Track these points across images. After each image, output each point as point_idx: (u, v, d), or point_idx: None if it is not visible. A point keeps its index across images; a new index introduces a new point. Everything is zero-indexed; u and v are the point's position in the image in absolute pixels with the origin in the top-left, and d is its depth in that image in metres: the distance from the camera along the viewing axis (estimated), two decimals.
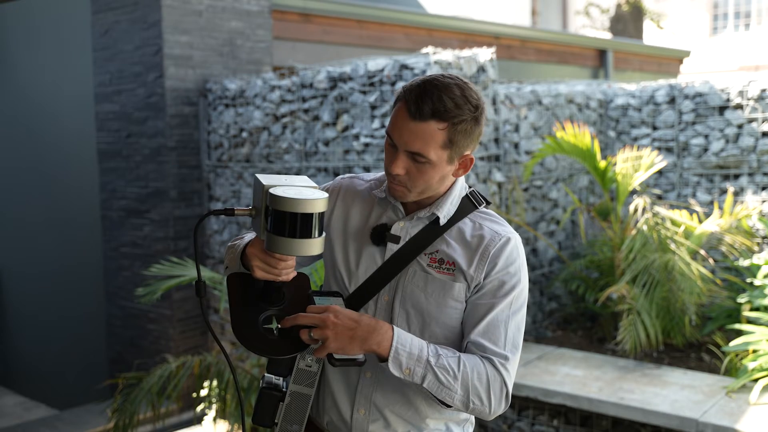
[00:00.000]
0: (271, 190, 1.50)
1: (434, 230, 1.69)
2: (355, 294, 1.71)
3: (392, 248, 1.70)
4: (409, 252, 1.69)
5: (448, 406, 1.62)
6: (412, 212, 1.71)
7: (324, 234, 1.53)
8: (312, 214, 1.48)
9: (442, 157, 1.61)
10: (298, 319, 1.56)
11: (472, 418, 1.82)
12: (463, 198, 1.73)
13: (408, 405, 1.71)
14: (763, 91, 5.22)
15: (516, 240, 1.69)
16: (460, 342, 1.68)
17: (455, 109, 1.57)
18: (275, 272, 1.57)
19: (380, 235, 1.71)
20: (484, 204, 1.75)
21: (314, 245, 1.51)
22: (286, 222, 1.48)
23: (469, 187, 1.78)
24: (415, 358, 1.56)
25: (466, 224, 1.71)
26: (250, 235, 1.72)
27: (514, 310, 1.66)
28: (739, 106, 5.32)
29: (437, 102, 1.56)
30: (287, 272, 1.58)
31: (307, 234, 1.49)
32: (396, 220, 1.72)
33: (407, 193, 1.66)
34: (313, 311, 1.57)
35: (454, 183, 1.71)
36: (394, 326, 1.60)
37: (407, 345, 1.57)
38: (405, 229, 1.71)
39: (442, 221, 1.69)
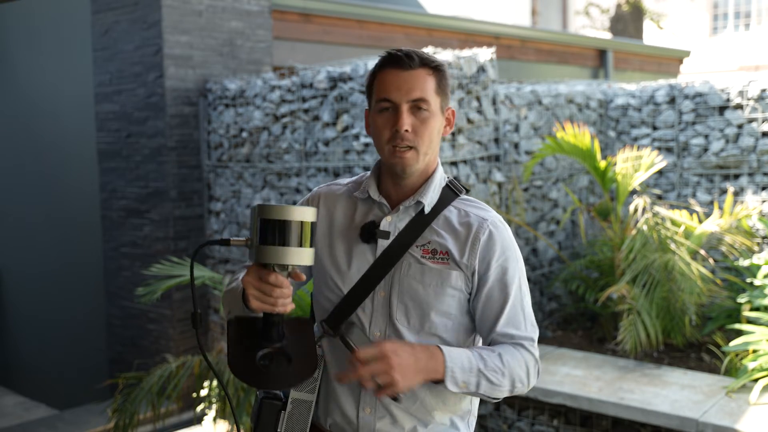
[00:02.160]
0: (259, 203, 1.53)
1: (421, 221, 1.71)
2: (350, 294, 1.71)
3: (383, 244, 1.71)
4: (399, 246, 1.70)
5: (495, 399, 1.70)
6: (397, 205, 1.73)
7: (314, 248, 1.53)
8: (300, 222, 1.49)
9: (437, 105, 1.68)
10: (361, 372, 1.52)
11: (475, 410, 1.84)
12: (443, 187, 1.76)
13: (413, 399, 1.71)
14: (763, 91, 5.22)
15: (503, 222, 1.75)
16: (457, 329, 1.72)
17: (435, 58, 1.70)
18: (270, 301, 1.52)
19: (370, 232, 1.71)
20: (465, 192, 1.78)
21: (304, 254, 1.50)
22: (275, 230, 1.48)
23: (446, 177, 1.82)
24: (467, 371, 1.61)
25: (452, 212, 1.73)
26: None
27: (524, 292, 1.73)
28: (739, 106, 5.32)
29: (420, 54, 1.68)
30: (283, 302, 1.53)
31: (297, 242, 1.49)
32: (382, 216, 1.73)
33: (415, 155, 1.67)
34: (368, 355, 1.53)
35: (435, 170, 1.74)
36: (440, 345, 1.62)
37: (458, 361, 1.61)
38: (393, 224, 1.72)
39: (427, 209, 1.71)
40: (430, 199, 1.71)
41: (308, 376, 1.60)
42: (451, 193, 1.75)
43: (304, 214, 1.50)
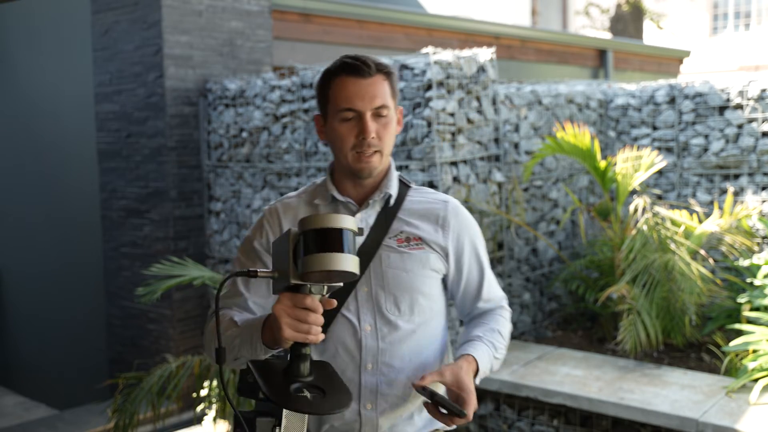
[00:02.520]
0: (303, 216, 1.52)
1: (389, 213, 1.78)
2: (331, 297, 1.71)
3: (358, 241, 1.72)
4: (374, 240, 1.76)
5: None
6: (363, 201, 1.79)
7: (357, 257, 1.51)
8: (342, 230, 1.48)
9: (393, 108, 1.77)
10: (468, 408, 1.63)
11: None
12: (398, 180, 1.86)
13: (414, 373, 1.76)
14: (763, 91, 5.22)
15: (458, 202, 1.90)
16: (439, 309, 1.84)
17: (386, 63, 1.77)
18: (305, 328, 1.48)
19: None
20: (413, 183, 1.90)
21: (353, 260, 1.48)
22: (323, 237, 1.46)
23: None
24: (487, 365, 1.78)
25: (412, 201, 1.83)
26: (247, 316, 1.69)
27: (488, 259, 1.93)
28: (739, 106, 5.32)
29: (373, 59, 1.74)
30: (316, 330, 1.51)
31: (348, 248, 1.47)
32: (352, 213, 1.78)
33: (380, 158, 1.75)
34: (461, 389, 1.65)
35: (389, 165, 1.82)
36: (473, 354, 1.76)
37: (485, 363, 1.78)
38: (364, 220, 1.77)
39: (392, 201, 1.79)
40: (394, 190, 1.80)
41: (347, 405, 1.57)
42: (403, 185, 1.85)
43: (349, 222, 1.50)
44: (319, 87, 1.78)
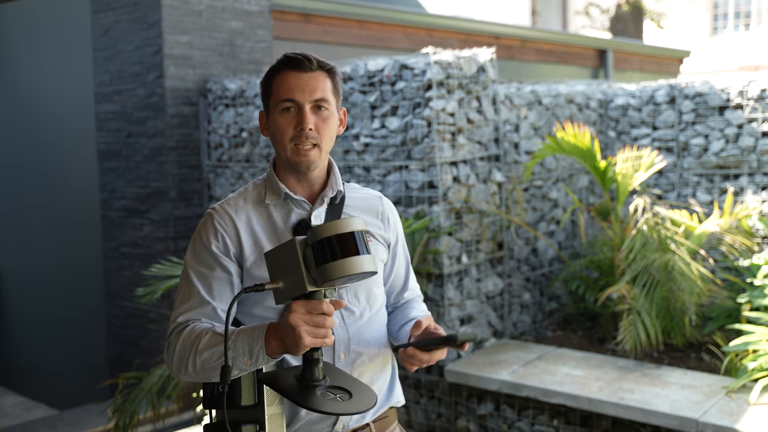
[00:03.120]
0: (314, 225, 1.56)
1: (336, 209, 1.83)
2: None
3: None
4: None
5: None
6: (314, 199, 1.82)
7: (371, 255, 1.54)
8: (355, 232, 1.51)
9: (335, 105, 1.79)
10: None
11: None
12: None
13: (376, 356, 1.84)
14: (763, 91, 5.22)
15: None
16: (383, 295, 1.91)
17: (328, 62, 1.81)
18: (323, 333, 1.51)
19: (305, 230, 1.76)
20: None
21: (368, 261, 1.51)
22: (338, 244, 1.49)
23: None
24: None
25: (352, 197, 1.88)
26: (242, 328, 1.66)
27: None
28: (739, 106, 5.32)
29: (316, 57, 1.78)
30: (331, 333, 1.54)
31: (364, 250, 1.51)
32: (304, 213, 1.80)
33: (318, 152, 1.77)
34: (437, 328, 1.80)
35: (331, 163, 1.86)
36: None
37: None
38: (319, 217, 1.80)
39: (338, 198, 1.84)
40: (340, 187, 1.84)
41: (375, 401, 1.61)
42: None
43: (358, 223, 1.54)
44: (263, 83, 1.81)
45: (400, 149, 4.63)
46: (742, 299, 4.50)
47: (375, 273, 1.53)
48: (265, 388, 1.65)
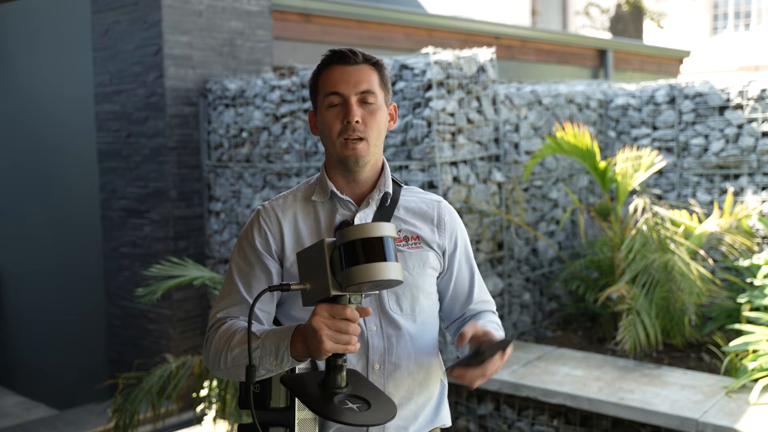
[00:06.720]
0: (345, 227, 1.50)
1: (386, 212, 1.77)
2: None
3: None
4: None
5: None
6: (361, 200, 1.77)
7: (399, 264, 1.48)
8: (383, 238, 1.45)
9: (383, 98, 1.74)
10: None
11: None
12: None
13: (417, 371, 1.76)
14: (763, 91, 5.22)
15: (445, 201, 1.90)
16: (436, 307, 1.83)
17: (374, 56, 1.76)
18: (345, 339, 1.46)
19: None
20: (403, 183, 1.88)
21: (394, 268, 1.45)
22: (367, 248, 1.44)
23: None
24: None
25: (407, 200, 1.82)
26: (260, 327, 1.64)
27: (475, 263, 1.91)
28: (739, 106, 5.32)
29: (361, 51, 1.74)
30: (355, 340, 1.48)
31: (392, 256, 1.45)
32: (352, 213, 1.75)
33: (367, 146, 1.71)
34: (486, 335, 1.68)
35: (384, 163, 1.80)
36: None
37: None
38: (364, 218, 1.75)
39: (388, 200, 1.77)
40: (390, 189, 1.78)
41: (393, 415, 1.55)
42: (396, 184, 1.83)
43: (388, 229, 1.47)
44: (311, 82, 1.78)
45: (400, 149, 4.63)
46: (742, 299, 4.50)
47: (401, 282, 1.47)
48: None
